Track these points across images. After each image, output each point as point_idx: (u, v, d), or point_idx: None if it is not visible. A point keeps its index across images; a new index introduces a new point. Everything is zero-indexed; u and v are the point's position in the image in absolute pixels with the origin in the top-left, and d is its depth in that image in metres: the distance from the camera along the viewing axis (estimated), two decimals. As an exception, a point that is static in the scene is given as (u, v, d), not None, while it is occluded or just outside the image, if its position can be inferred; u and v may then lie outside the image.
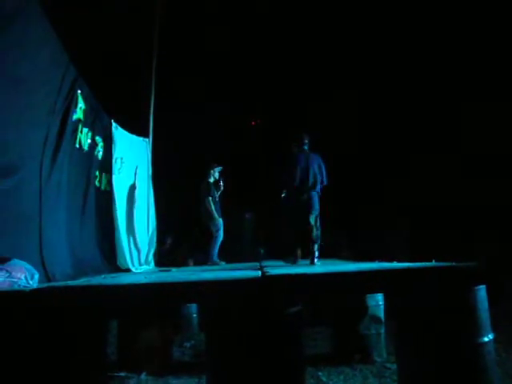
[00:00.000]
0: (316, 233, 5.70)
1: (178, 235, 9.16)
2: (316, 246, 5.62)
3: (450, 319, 2.51)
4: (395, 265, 3.76)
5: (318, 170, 5.88)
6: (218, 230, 7.48)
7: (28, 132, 3.45)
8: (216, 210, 7.52)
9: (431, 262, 3.55)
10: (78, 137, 4.61)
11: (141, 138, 7.59)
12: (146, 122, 8.07)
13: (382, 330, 4.50)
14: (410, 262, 3.73)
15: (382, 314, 4.54)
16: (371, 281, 2.75)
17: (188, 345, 5.42)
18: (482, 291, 2.64)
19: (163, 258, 7.89)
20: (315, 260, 5.49)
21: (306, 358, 3.04)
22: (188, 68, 9.90)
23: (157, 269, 6.87)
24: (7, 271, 2.72)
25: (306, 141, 6.04)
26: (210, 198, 7.36)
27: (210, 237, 7.47)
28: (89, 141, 4.97)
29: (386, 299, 4.47)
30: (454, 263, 2.98)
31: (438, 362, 2.49)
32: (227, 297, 2.51)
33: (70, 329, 2.37)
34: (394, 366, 3.65)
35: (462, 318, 2.53)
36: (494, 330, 2.64)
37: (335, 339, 4.63)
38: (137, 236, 6.84)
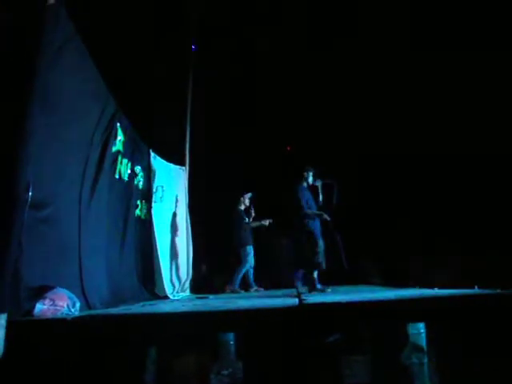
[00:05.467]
0: None
1: (214, 262, 9.19)
2: None
3: (495, 350, 2.41)
4: (437, 292, 3.65)
5: None
6: (247, 256, 7.52)
7: (66, 165, 3.52)
8: (247, 236, 7.60)
9: (473, 288, 3.43)
10: (118, 168, 4.75)
11: (177, 167, 7.75)
12: (183, 150, 8.25)
13: (425, 360, 4.33)
14: (451, 288, 3.61)
15: (423, 343, 4.38)
16: (413, 309, 2.69)
17: (225, 373, 5.35)
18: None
19: (199, 284, 7.94)
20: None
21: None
22: (222, 96, 10.06)
23: (193, 296, 6.90)
24: (51, 299, 2.80)
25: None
26: (244, 223, 7.54)
27: (240, 263, 7.54)
28: (129, 171, 5.12)
29: (428, 327, 4.32)
30: (499, 290, 2.87)
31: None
32: (264, 325, 2.50)
33: (110, 356, 2.41)
34: (439, 398, 3.50)
35: (509, 349, 2.42)
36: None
37: (374, 368, 4.48)
38: (180, 264, 6.95)
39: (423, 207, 7.87)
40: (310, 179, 6.25)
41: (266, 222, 7.80)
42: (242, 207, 7.84)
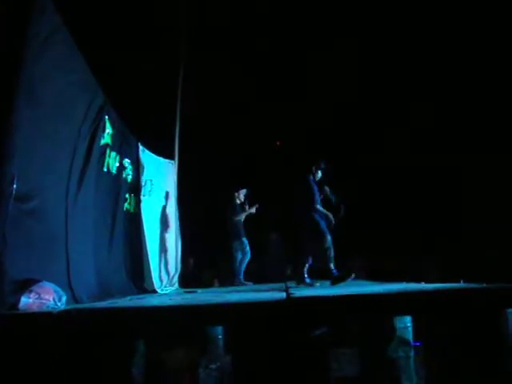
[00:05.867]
0: None
1: (202, 257, 9.21)
2: None
3: (480, 344, 2.43)
4: (423, 286, 3.68)
5: None
6: (245, 248, 7.62)
7: (53, 158, 3.47)
8: (241, 231, 7.66)
9: (459, 282, 3.47)
10: (106, 161, 4.70)
11: (167, 160, 7.72)
12: (172, 144, 8.20)
13: (412, 354, 4.36)
14: (438, 282, 3.64)
15: (410, 337, 4.41)
16: (399, 303, 2.71)
17: (214, 366, 5.35)
18: (512, 314, 2.55)
19: (187, 278, 7.98)
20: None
21: (331, 380, 2.98)
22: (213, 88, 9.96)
23: (182, 290, 6.89)
24: (36, 293, 2.78)
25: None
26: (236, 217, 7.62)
27: (235, 257, 7.62)
28: (117, 164, 5.08)
29: (414, 321, 4.36)
30: (484, 284, 2.90)
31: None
32: (252, 319, 2.50)
33: (97, 350, 2.40)
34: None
35: (494, 343, 2.45)
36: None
37: (361, 362, 4.51)
38: (169, 258, 6.94)
39: (423, 207, 7.91)
40: (319, 175, 6.12)
41: (253, 209, 7.94)
42: (238, 202, 7.92)
